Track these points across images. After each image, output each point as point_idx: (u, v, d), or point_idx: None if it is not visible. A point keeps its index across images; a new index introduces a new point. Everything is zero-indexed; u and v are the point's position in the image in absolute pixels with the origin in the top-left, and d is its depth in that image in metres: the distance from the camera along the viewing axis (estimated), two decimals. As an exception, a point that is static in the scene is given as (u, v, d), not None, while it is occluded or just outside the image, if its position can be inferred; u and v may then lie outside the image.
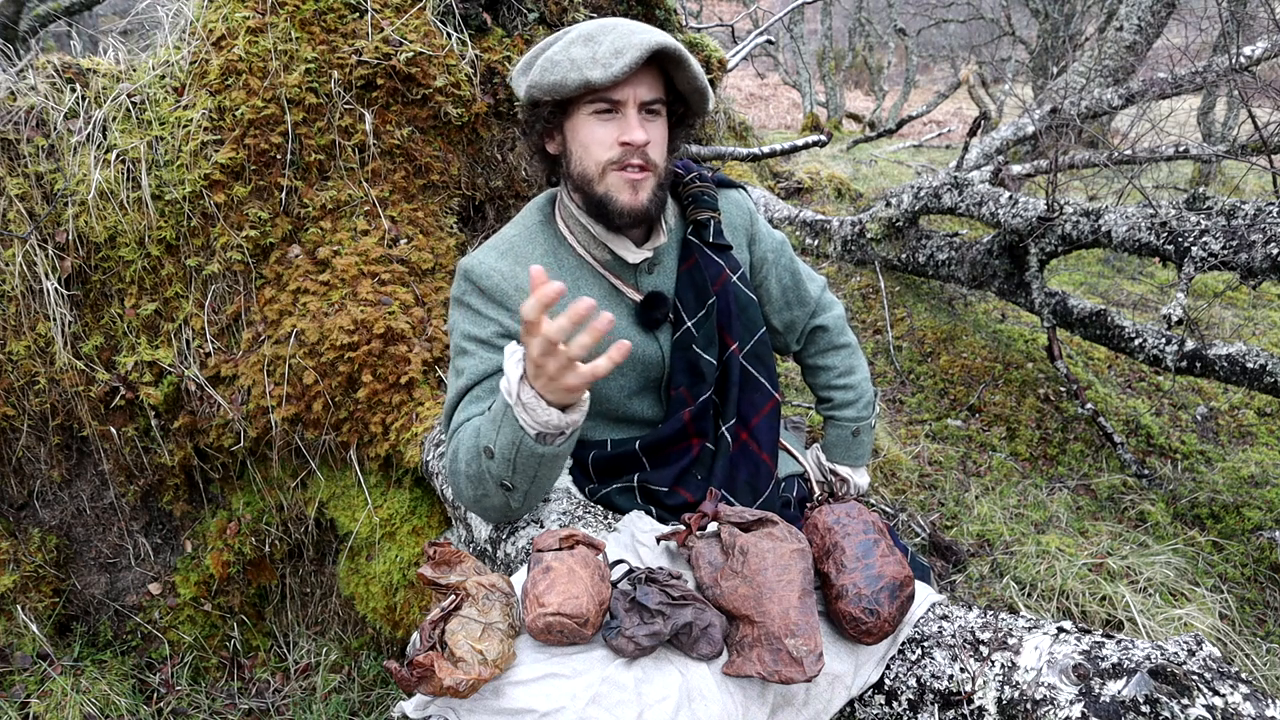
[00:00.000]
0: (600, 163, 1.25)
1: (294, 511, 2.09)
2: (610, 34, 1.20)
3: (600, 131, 1.24)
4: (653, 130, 1.26)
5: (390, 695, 2.06)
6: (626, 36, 1.18)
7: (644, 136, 1.23)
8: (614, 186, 1.26)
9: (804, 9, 11.74)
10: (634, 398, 1.44)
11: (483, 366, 1.30)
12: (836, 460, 1.66)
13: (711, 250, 1.40)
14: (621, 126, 1.23)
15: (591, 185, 1.27)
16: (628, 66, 1.15)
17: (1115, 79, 5.30)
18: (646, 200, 1.27)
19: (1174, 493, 2.56)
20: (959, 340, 3.39)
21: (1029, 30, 11.24)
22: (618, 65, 1.16)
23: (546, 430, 1.14)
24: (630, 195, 1.26)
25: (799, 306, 1.58)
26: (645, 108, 1.24)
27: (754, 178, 5.14)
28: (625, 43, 1.17)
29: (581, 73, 1.18)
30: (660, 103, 1.26)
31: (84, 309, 1.94)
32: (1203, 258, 2.13)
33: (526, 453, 1.16)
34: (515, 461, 1.17)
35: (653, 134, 1.25)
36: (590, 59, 1.18)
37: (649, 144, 1.24)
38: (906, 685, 1.11)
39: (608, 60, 1.17)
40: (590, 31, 1.22)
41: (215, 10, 1.98)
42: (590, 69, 1.17)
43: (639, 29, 1.19)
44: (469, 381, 1.29)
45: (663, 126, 1.28)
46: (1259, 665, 1.95)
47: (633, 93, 1.22)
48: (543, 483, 1.25)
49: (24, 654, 2.00)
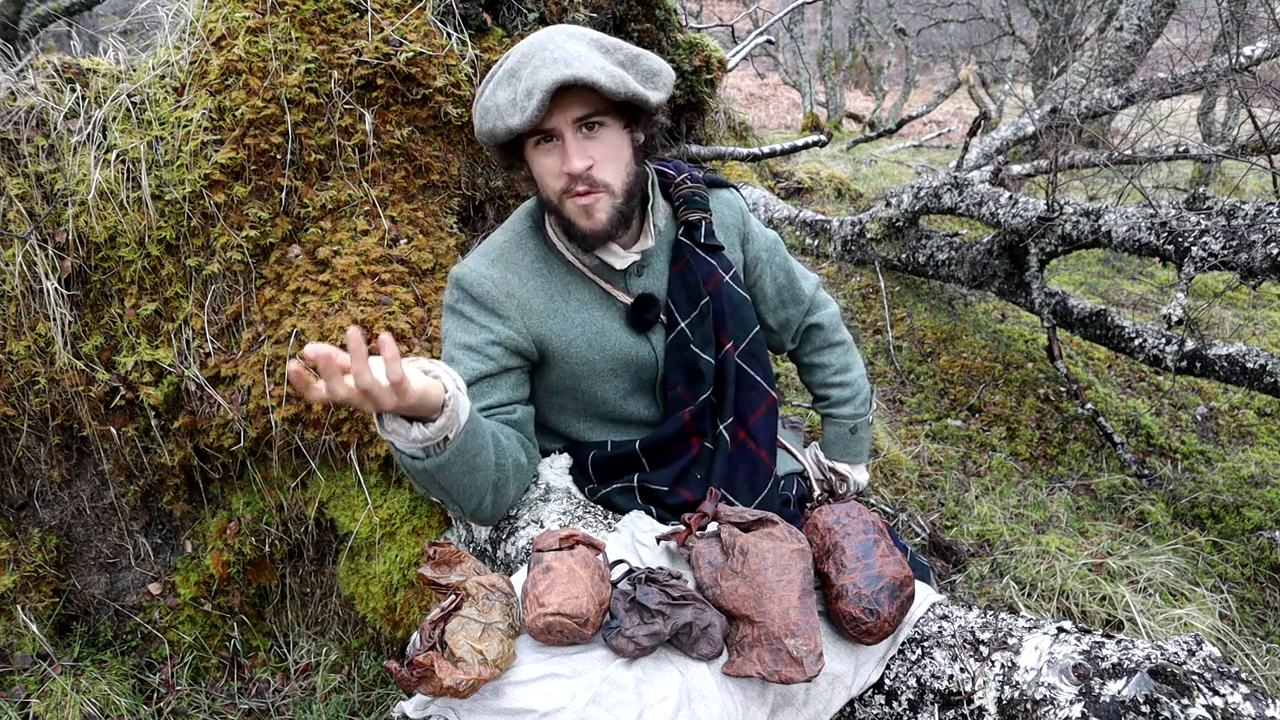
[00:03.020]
0: (556, 191, 1.25)
1: (294, 511, 2.09)
2: (527, 67, 1.16)
3: (547, 161, 1.23)
4: (597, 148, 1.22)
5: (390, 695, 2.06)
6: (536, 72, 1.14)
7: (581, 165, 1.20)
8: (571, 213, 1.26)
9: (804, 9, 11.74)
10: (629, 399, 1.44)
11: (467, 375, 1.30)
12: (835, 458, 1.66)
13: (703, 251, 1.40)
14: (560, 156, 1.22)
15: (557, 211, 1.28)
16: (537, 110, 1.13)
17: (1115, 79, 5.30)
18: (605, 221, 1.26)
19: (1174, 493, 2.56)
20: (959, 340, 3.39)
21: (1029, 30, 11.24)
22: (530, 109, 1.13)
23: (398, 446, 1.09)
24: (586, 219, 1.26)
25: (794, 305, 1.59)
26: (583, 124, 1.21)
27: (754, 178, 5.14)
28: (534, 81, 1.14)
29: (505, 121, 1.17)
30: (599, 114, 1.21)
31: (84, 309, 1.94)
32: (1203, 258, 2.13)
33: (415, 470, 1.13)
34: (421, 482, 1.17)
35: (597, 151, 1.22)
36: (510, 103, 1.17)
37: (591, 166, 1.21)
38: (906, 685, 1.11)
39: (522, 104, 1.15)
40: (513, 66, 1.18)
41: (215, 10, 1.98)
42: (511, 116, 1.16)
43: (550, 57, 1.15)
44: None
45: (611, 136, 1.24)
46: (1259, 665, 1.95)
47: (562, 118, 1.19)
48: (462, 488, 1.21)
49: (24, 654, 2.00)
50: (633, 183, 1.29)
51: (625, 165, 1.27)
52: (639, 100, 1.19)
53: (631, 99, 1.18)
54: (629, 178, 1.28)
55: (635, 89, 1.18)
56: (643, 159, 1.33)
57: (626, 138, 1.27)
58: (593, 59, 1.16)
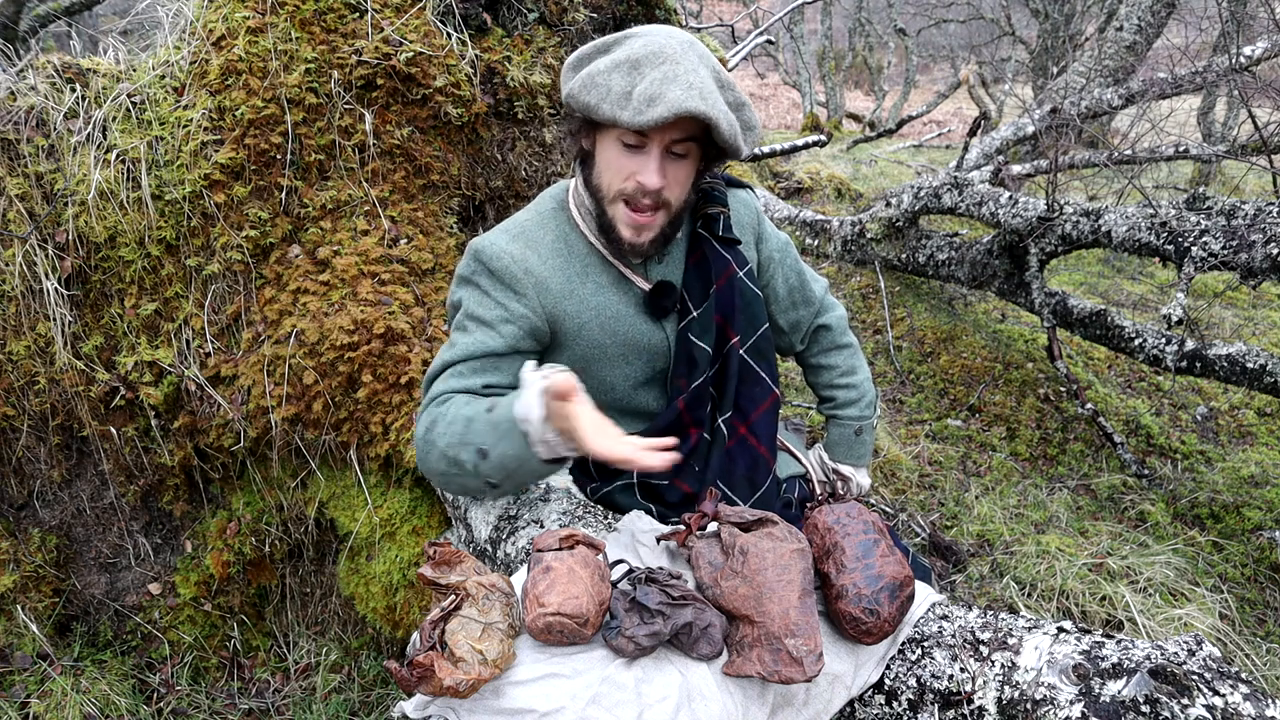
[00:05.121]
0: (614, 190, 1.25)
1: (294, 511, 2.09)
2: (655, 70, 1.15)
3: (623, 161, 1.23)
4: (674, 172, 1.24)
5: (390, 695, 2.06)
6: (666, 84, 1.14)
7: (658, 182, 1.21)
8: (619, 218, 1.27)
9: (804, 9, 11.73)
10: (640, 389, 1.44)
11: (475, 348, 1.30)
12: (839, 460, 1.67)
13: (720, 244, 1.41)
14: (641, 164, 1.22)
15: (603, 202, 1.29)
16: (654, 121, 1.12)
17: (1115, 79, 5.30)
18: (649, 241, 1.29)
19: (1174, 493, 2.56)
20: (959, 340, 3.39)
21: (1029, 30, 11.25)
22: (647, 115, 1.13)
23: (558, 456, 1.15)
24: (632, 234, 1.28)
25: (804, 306, 1.59)
26: (672, 147, 1.22)
27: (754, 178, 5.14)
28: (661, 91, 1.13)
29: (613, 109, 1.16)
30: (690, 141, 1.23)
31: (84, 309, 1.94)
32: (1203, 258, 2.13)
33: (530, 468, 1.17)
34: (515, 472, 1.18)
35: (673, 176, 1.24)
36: (624, 95, 1.16)
37: (664, 188, 1.23)
38: (906, 685, 1.11)
39: (640, 105, 1.14)
40: (638, 59, 1.18)
41: (215, 10, 1.98)
42: (621, 108, 1.15)
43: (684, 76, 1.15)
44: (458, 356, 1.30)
45: (688, 166, 1.26)
46: (1259, 665, 1.95)
47: (660, 136, 1.20)
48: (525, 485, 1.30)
49: (24, 654, 2.00)
50: (684, 208, 1.32)
51: (687, 191, 1.30)
52: (735, 150, 1.22)
53: (731, 148, 1.21)
54: (684, 203, 1.31)
55: (740, 141, 1.21)
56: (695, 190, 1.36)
57: (697, 169, 1.30)
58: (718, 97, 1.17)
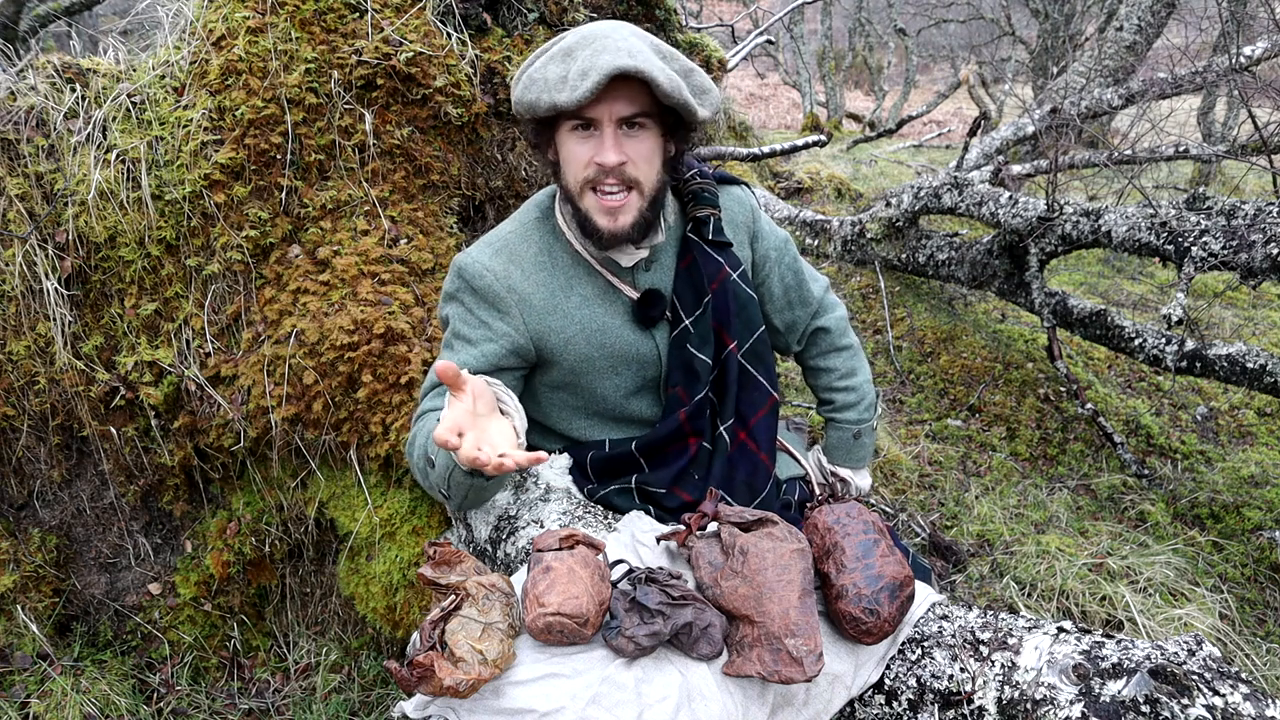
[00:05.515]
0: (579, 180, 1.24)
1: (294, 511, 2.09)
2: (586, 49, 1.15)
3: (579, 149, 1.22)
4: (634, 147, 1.21)
5: (390, 695, 2.06)
6: (596, 55, 1.13)
7: (615, 158, 1.19)
8: (591, 208, 1.25)
9: (804, 9, 11.73)
10: (631, 398, 1.43)
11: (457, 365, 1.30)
12: (838, 462, 1.65)
13: (710, 248, 1.39)
14: (596, 145, 1.20)
15: (575, 201, 1.27)
16: (590, 91, 1.12)
17: (1115, 79, 5.29)
18: (629, 224, 1.25)
19: (1174, 493, 2.56)
20: (959, 340, 3.39)
21: (1029, 30, 11.24)
22: (582, 88, 1.12)
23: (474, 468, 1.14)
24: (608, 220, 1.25)
25: (801, 306, 1.57)
26: (626, 122, 1.20)
27: (754, 178, 5.14)
28: (592, 63, 1.13)
29: (551, 95, 1.16)
30: (644, 115, 1.20)
31: (84, 309, 1.94)
32: (1203, 258, 2.13)
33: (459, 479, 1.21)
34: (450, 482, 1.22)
35: (633, 151, 1.21)
36: (560, 80, 1.15)
37: (625, 163, 1.20)
38: (906, 685, 1.11)
39: (575, 82, 1.13)
40: (570, 45, 1.18)
41: (215, 10, 1.98)
42: (558, 91, 1.15)
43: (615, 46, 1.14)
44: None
45: (649, 140, 1.23)
46: (1259, 665, 1.95)
47: (607, 110, 1.18)
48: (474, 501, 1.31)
49: (24, 654, 2.00)
50: (659, 189, 1.29)
51: (656, 169, 1.27)
52: (687, 109, 1.19)
53: (681, 106, 1.18)
54: (658, 183, 1.28)
55: (686, 96, 1.18)
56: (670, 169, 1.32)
57: (661, 145, 1.27)
58: (654, 58, 1.16)
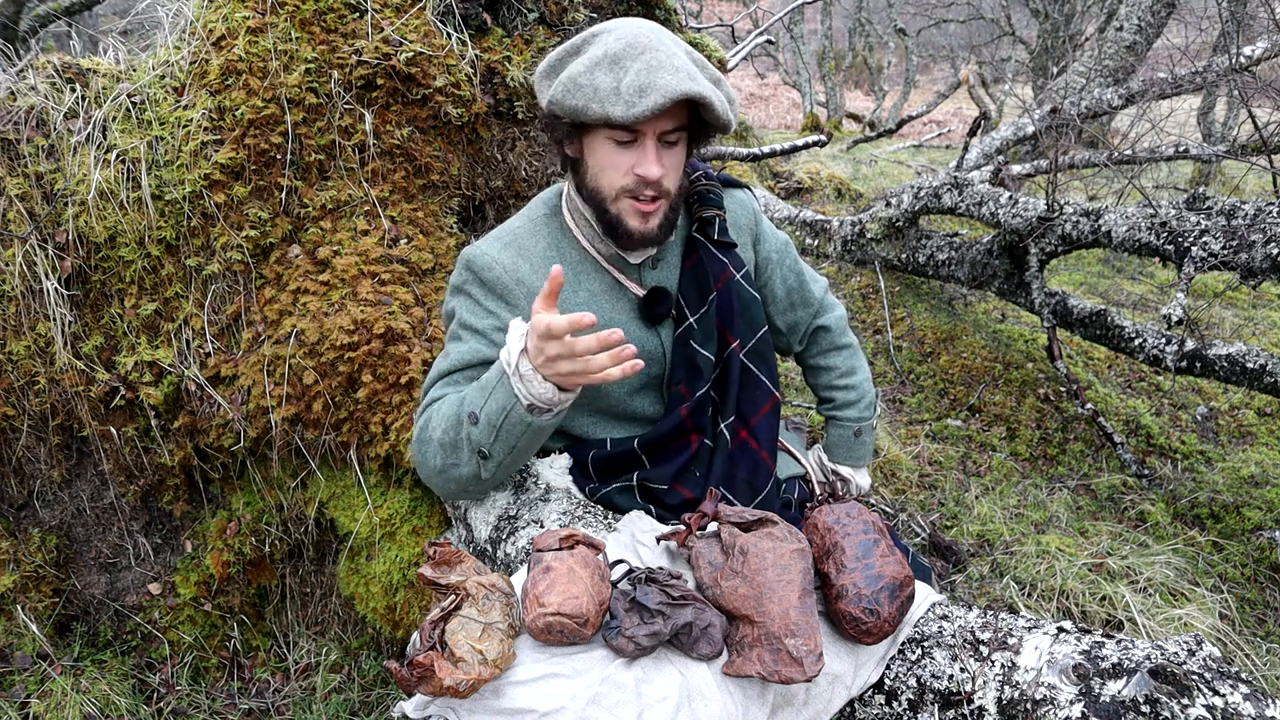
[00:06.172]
0: (615, 187, 1.25)
1: (294, 511, 2.09)
2: (637, 62, 1.15)
3: (617, 158, 1.22)
4: (669, 159, 1.24)
5: (390, 695, 2.06)
6: (653, 73, 1.13)
7: (658, 172, 1.21)
8: (625, 211, 1.27)
9: (804, 9, 11.73)
10: (635, 395, 1.44)
11: (469, 355, 1.30)
12: (838, 461, 1.66)
13: (715, 248, 1.40)
14: (638, 157, 1.21)
15: (604, 205, 1.27)
16: (650, 111, 1.12)
17: (1115, 79, 5.30)
18: (657, 226, 1.28)
19: (1174, 493, 2.56)
20: (959, 340, 3.39)
21: (1029, 30, 11.24)
22: (640, 106, 1.12)
23: (538, 403, 1.15)
24: (640, 222, 1.27)
25: (803, 307, 1.58)
26: (664, 136, 1.22)
27: (754, 178, 5.14)
28: (650, 81, 1.12)
29: (604, 107, 1.15)
30: (682, 129, 1.23)
31: (84, 309, 1.94)
32: (1203, 258, 2.13)
33: (515, 420, 1.17)
34: (501, 428, 1.18)
35: (669, 163, 1.24)
36: (613, 92, 1.15)
37: (664, 176, 1.23)
38: (906, 685, 1.11)
39: (630, 98, 1.13)
40: (617, 53, 1.16)
41: (215, 10, 1.98)
42: (612, 104, 1.14)
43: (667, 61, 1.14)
44: (452, 365, 1.31)
45: (680, 152, 1.26)
46: (1259, 665, 1.95)
47: (653, 126, 1.19)
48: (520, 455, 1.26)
49: (24, 654, 2.00)
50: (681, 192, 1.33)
51: (682, 176, 1.31)
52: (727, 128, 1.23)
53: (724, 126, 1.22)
54: (681, 188, 1.32)
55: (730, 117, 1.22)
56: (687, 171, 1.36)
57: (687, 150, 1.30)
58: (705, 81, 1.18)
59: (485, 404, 1.18)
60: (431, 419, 1.28)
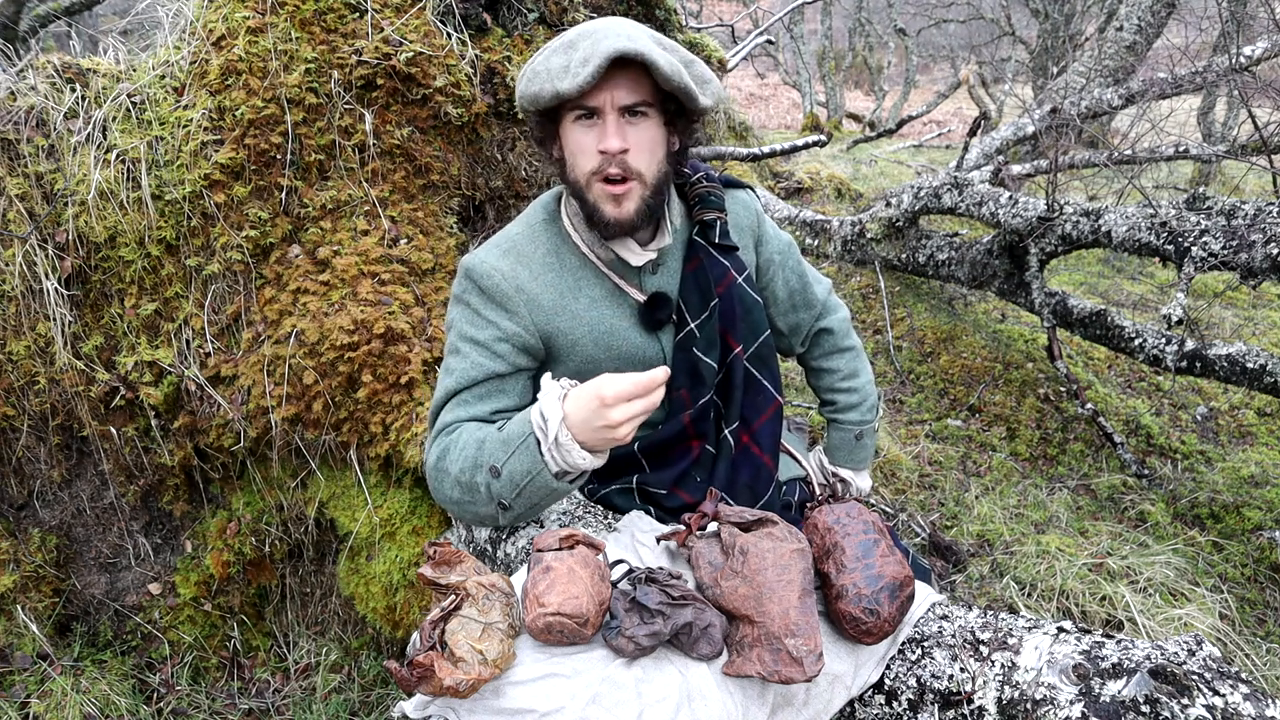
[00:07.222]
0: (586, 172, 1.23)
1: (294, 511, 2.09)
2: (588, 39, 1.16)
3: (583, 139, 1.22)
4: (635, 135, 1.21)
5: (390, 695, 2.06)
6: (598, 43, 1.14)
7: (618, 144, 1.19)
8: (599, 197, 1.24)
9: (804, 9, 11.73)
10: None
11: (473, 371, 1.29)
12: (839, 463, 1.66)
13: (717, 251, 1.39)
14: (599, 133, 1.20)
15: (582, 194, 1.26)
16: (591, 76, 1.12)
17: (1115, 79, 5.29)
18: (632, 211, 1.25)
19: (1174, 493, 2.56)
20: (959, 340, 3.39)
21: (1029, 30, 11.24)
22: (584, 74, 1.13)
23: (570, 470, 1.13)
24: (613, 207, 1.24)
25: (805, 309, 1.57)
26: (627, 111, 1.20)
27: (754, 178, 5.14)
28: (593, 50, 1.13)
29: (553, 84, 1.16)
30: (645, 105, 1.20)
31: (84, 309, 1.94)
32: (1203, 258, 2.13)
33: (540, 484, 1.15)
34: (525, 488, 1.16)
35: (635, 139, 1.21)
36: (563, 69, 1.16)
37: (627, 151, 1.20)
38: (906, 685, 1.11)
39: (576, 70, 1.14)
40: (572, 38, 1.19)
41: (215, 10, 1.98)
42: (560, 79, 1.15)
43: (615, 33, 1.15)
44: (458, 384, 1.28)
45: (651, 129, 1.23)
46: (1259, 665, 1.95)
47: (609, 97, 1.18)
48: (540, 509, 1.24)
49: (24, 654, 2.00)
50: (662, 179, 1.28)
51: (659, 160, 1.26)
52: (688, 94, 1.19)
53: (681, 90, 1.18)
54: (660, 173, 1.27)
55: (687, 81, 1.18)
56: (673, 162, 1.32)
57: (664, 134, 1.26)
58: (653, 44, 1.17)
59: (508, 461, 1.15)
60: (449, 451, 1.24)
